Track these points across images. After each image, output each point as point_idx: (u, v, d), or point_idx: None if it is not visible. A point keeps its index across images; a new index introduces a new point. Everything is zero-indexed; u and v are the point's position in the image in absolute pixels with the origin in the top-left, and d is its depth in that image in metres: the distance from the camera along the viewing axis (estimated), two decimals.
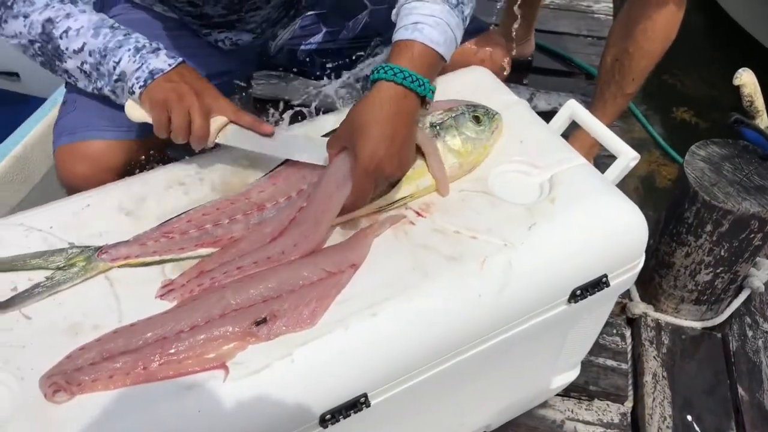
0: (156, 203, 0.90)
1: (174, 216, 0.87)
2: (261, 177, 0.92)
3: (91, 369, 0.70)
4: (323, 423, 0.74)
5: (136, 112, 0.94)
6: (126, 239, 0.84)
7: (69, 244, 0.84)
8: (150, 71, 0.92)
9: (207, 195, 0.91)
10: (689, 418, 1.30)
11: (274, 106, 1.36)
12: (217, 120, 0.92)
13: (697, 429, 1.28)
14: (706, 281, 1.38)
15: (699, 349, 1.43)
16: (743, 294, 1.44)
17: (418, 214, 0.88)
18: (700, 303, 1.43)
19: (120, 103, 0.97)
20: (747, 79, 1.22)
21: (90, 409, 0.68)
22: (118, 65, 0.93)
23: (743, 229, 1.27)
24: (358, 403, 0.76)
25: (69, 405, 0.68)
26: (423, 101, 0.87)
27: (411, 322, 0.78)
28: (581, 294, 0.88)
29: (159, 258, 0.82)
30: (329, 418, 0.74)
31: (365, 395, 0.76)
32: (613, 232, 0.89)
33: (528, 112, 1.04)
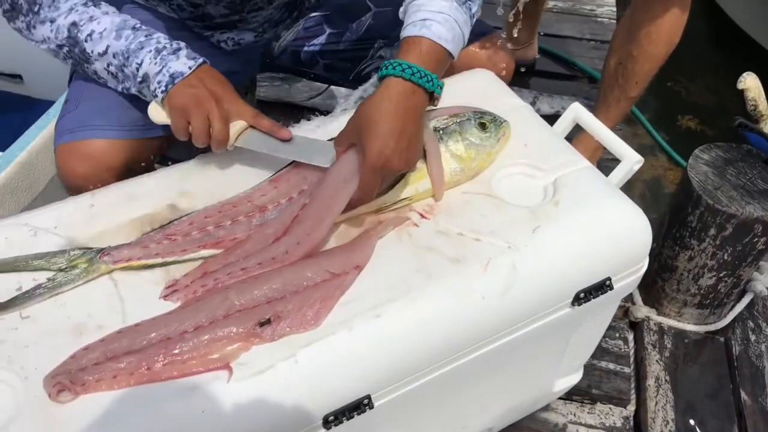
0: (159, 205, 0.90)
1: (176, 219, 0.87)
2: (263, 180, 0.92)
3: (95, 369, 0.70)
4: (326, 424, 0.74)
5: (158, 114, 0.95)
6: (128, 241, 0.84)
7: (71, 245, 0.84)
8: (171, 75, 0.92)
9: (209, 197, 0.91)
10: (692, 422, 1.30)
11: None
12: (237, 124, 0.93)
13: None
14: (709, 285, 1.38)
15: (702, 353, 1.43)
16: (746, 298, 1.44)
17: (421, 215, 0.88)
18: (702, 307, 1.43)
19: (148, 102, 0.97)
20: (751, 83, 1.21)
21: (94, 409, 0.68)
22: (140, 67, 0.94)
23: (747, 233, 1.27)
24: (361, 405, 0.76)
25: (73, 405, 0.68)
26: (431, 97, 0.87)
27: (415, 323, 0.78)
28: (585, 297, 0.88)
29: (161, 260, 0.82)
30: (332, 419, 0.74)
31: (369, 397, 0.76)
32: (617, 235, 0.89)
33: (532, 115, 1.04)
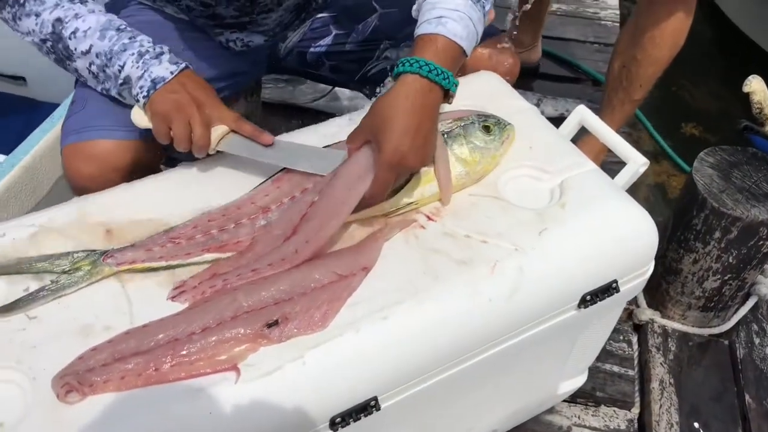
0: (164, 208, 0.90)
1: (180, 222, 0.87)
2: (265, 180, 0.92)
3: (103, 370, 0.70)
4: (333, 426, 0.74)
5: (140, 118, 0.96)
6: (132, 244, 0.84)
7: (76, 247, 0.84)
8: (152, 80, 0.92)
9: (213, 199, 0.90)
10: (696, 425, 1.30)
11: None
12: (218, 129, 0.93)
13: None
14: (713, 288, 1.38)
15: (706, 356, 1.43)
16: (750, 301, 1.44)
17: (428, 218, 0.88)
18: (707, 310, 1.43)
19: (128, 104, 0.97)
20: (756, 87, 1.22)
21: (101, 410, 0.68)
22: (122, 69, 0.94)
23: (752, 237, 1.27)
24: (368, 407, 0.76)
25: (81, 405, 0.68)
26: (446, 95, 0.87)
27: (422, 325, 0.78)
28: (591, 299, 0.88)
29: (165, 263, 0.82)
30: (339, 421, 0.74)
31: (375, 399, 0.76)
32: (624, 237, 0.89)
33: (538, 117, 1.04)
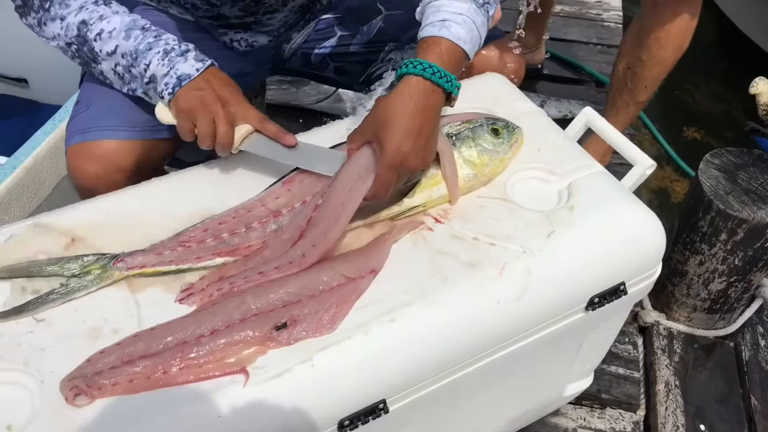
0: (173, 210, 0.89)
1: (190, 226, 0.86)
2: (275, 182, 0.92)
3: (112, 373, 0.70)
4: (342, 429, 0.74)
5: (165, 115, 0.96)
6: (142, 248, 0.83)
7: (85, 250, 0.84)
8: (178, 77, 0.92)
9: (223, 202, 0.90)
10: (702, 427, 1.29)
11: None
12: (242, 128, 0.93)
13: None
14: (719, 290, 1.38)
15: (711, 358, 1.43)
16: (756, 303, 1.44)
17: (436, 220, 0.88)
18: (712, 312, 1.43)
19: (153, 104, 0.97)
20: (763, 88, 1.22)
21: (110, 413, 0.68)
22: (148, 68, 0.94)
23: (758, 238, 1.26)
24: (376, 409, 0.75)
25: (89, 408, 0.68)
26: (448, 97, 0.87)
27: (430, 328, 0.77)
28: (599, 302, 0.88)
29: (175, 267, 0.82)
30: (348, 423, 0.74)
31: (384, 401, 0.76)
32: (632, 239, 0.89)
33: (545, 119, 1.04)
